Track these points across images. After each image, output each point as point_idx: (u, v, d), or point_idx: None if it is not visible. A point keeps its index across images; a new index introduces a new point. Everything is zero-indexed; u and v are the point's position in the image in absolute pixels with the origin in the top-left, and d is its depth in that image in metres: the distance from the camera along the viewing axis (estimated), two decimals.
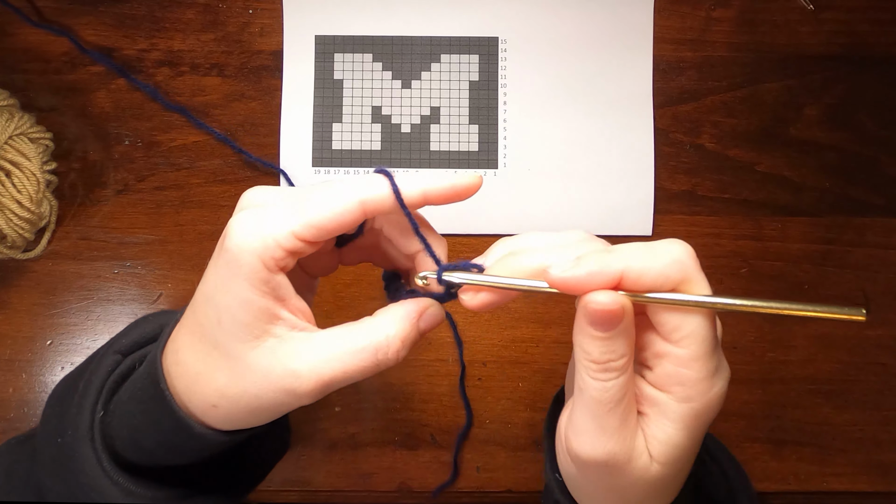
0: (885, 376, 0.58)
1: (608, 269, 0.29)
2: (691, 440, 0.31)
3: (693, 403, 0.31)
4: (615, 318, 0.29)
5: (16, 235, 0.53)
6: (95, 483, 0.35)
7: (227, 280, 0.31)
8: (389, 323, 0.33)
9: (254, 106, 0.60)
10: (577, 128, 0.60)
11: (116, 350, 0.39)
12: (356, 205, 0.32)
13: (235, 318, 0.31)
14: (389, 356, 0.33)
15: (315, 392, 0.32)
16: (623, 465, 0.31)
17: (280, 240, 0.31)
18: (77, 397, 0.37)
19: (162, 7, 0.60)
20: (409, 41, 0.60)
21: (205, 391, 0.33)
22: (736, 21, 0.61)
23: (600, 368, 0.30)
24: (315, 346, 0.32)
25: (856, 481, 0.58)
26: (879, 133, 0.60)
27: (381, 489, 0.57)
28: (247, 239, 0.31)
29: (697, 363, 0.30)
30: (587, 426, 0.31)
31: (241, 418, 0.33)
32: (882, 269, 0.59)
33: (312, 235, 0.31)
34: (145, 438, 0.35)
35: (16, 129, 0.53)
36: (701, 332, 0.30)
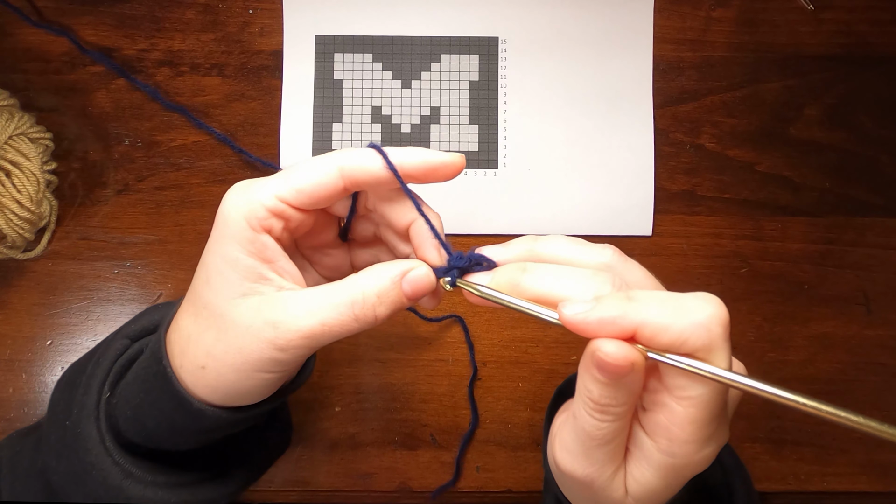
0: (885, 376, 0.58)
1: (623, 320, 0.28)
2: (668, 489, 0.31)
3: (675, 460, 0.30)
4: (621, 371, 0.28)
5: (16, 235, 0.53)
6: (97, 461, 0.36)
7: (217, 242, 0.33)
8: (369, 278, 0.33)
9: (254, 106, 0.60)
10: (577, 128, 0.60)
11: (125, 335, 0.39)
12: (335, 170, 0.32)
13: (222, 276, 0.33)
14: (367, 312, 0.32)
15: (295, 344, 0.32)
16: (598, 490, 0.31)
17: (264, 200, 0.32)
18: (85, 379, 0.38)
19: (162, 7, 0.60)
20: (409, 41, 0.60)
21: (195, 352, 0.34)
22: (736, 21, 0.61)
23: (598, 409, 0.29)
24: (296, 301, 0.32)
25: (856, 481, 0.58)
26: (879, 133, 0.60)
27: (381, 489, 0.57)
28: (235, 202, 0.33)
29: (691, 426, 0.29)
30: (574, 448, 0.31)
31: (230, 379, 0.33)
32: (882, 269, 0.59)
33: (293, 197, 0.32)
34: (147, 418, 0.35)
35: (16, 129, 0.53)
36: (705, 399, 0.28)
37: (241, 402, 0.35)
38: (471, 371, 0.58)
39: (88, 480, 0.36)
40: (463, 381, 0.58)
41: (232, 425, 0.36)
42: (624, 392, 0.29)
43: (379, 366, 0.58)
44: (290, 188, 0.32)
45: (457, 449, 0.57)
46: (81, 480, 0.36)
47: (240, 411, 0.35)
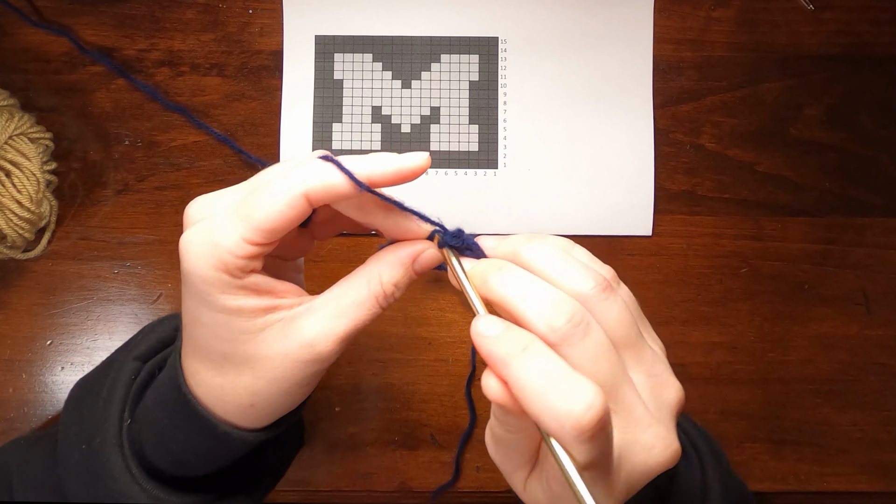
0: (885, 376, 0.58)
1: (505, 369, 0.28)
2: None
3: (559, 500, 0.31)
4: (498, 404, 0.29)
5: (16, 235, 0.53)
6: (125, 489, 0.36)
7: (204, 299, 0.31)
8: (384, 269, 0.34)
9: (254, 106, 0.60)
10: (577, 128, 0.60)
11: (135, 357, 0.39)
12: (300, 199, 0.30)
13: (231, 326, 0.32)
14: (389, 299, 0.34)
15: (337, 350, 0.33)
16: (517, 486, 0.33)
17: (234, 250, 0.30)
18: (101, 403, 0.38)
19: (162, 7, 0.60)
20: (409, 41, 0.60)
21: (236, 398, 0.33)
22: (736, 21, 0.61)
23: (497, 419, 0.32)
24: (319, 311, 0.33)
25: (856, 481, 0.58)
26: (879, 133, 0.60)
27: (381, 489, 0.57)
28: (200, 259, 0.31)
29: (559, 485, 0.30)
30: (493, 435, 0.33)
31: (281, 403, 0.34)
32: (882, 269, 0.59)
33: (263, 237, 0.31)
34: (173, 443, 0.35)
35: (16, 129, 0.53)
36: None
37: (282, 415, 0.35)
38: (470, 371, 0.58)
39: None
40: (463, 381, 0.58)
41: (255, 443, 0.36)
42: (512, 419, 0.30)
43: (379, 366, 0.58)
44: (256, 229, 0.30)
45: (457, 450, 0.57)
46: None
47: (265, 430, 0.36)
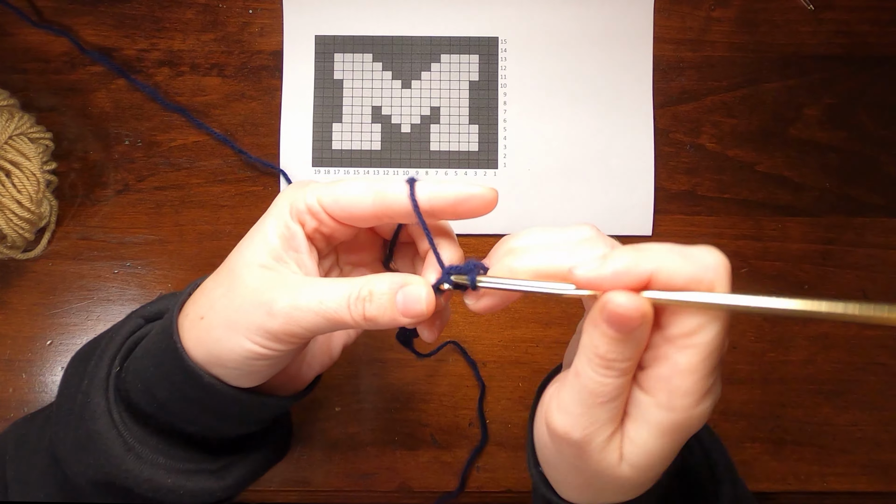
0: (885, 376, 0.58)
1: (638, 268, 0.28)
2: (666, 450, 0.31)
3: (675, 415, 0.30)
4: (633, 323, 0.28)
5: (16, 235, 0.53)
6: (103, 430, 0.37)
7: (262, 219, 0.36)
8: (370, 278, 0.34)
9: (254, 106, 0.60)
10: (577, 128, 0.60)
11: (140, 315, 0.41)
12: (370, 194, 0.34)
13: (252, 245, 0.35)
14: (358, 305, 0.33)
15: (287, 316, 0.33)
16: (593, 453, 0.31)
17: (307, 197, 0.35)
18: (98, 353, 0.39)
19: (162, 7, 0.60)
20: (409, 41, 0.60)
21: (201, 302, 0.36)
22: (736, 21, 0.61)
23: (604, 364, 0.29)
24: (302, 282, 0.34)
25: (856, 481, 0.58)
26: (879, 133, 0.60)
27: (381, 489, 0.57)
28: (289, 190, 0.36)
29: (693, 376, 0.29)
30: (573, 408, 0.31)
31: (216, 336, 0.35)
32: (882, 269, 0.59)
33: (329, 206, 0.34)
34: (159, 389, 0.37)
35: (16, 129, 0.53)
36: (710, 345, 0.29)
37: (221, 368, 0.35)
38: (471, 371, 0.58)
39: (92, 448, 0.37)
40: (463, 381, 0.58)
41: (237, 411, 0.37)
42: (631, 346, 0.29)
43: (379, 366, 0.58)
44: (330, 197, 0.35)
45: (457, 449, 0.57)
46: (85, 448, 0.37)
47: (245, 394, 0.36)
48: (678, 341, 0.29)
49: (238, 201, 0.59)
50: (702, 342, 0.29)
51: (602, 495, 0.34)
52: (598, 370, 0.30)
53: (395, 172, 0.60)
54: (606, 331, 0.29)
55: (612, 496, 0.33)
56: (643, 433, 0.30)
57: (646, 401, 0.30)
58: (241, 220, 0.59)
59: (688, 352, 0.29)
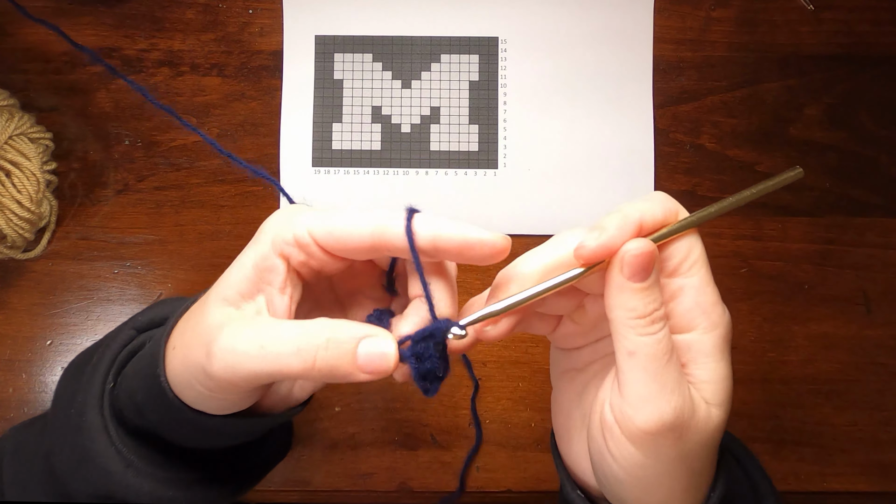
0: (885, 376, 0.58)
1: (630, 219, 0.32)
2: (730, 369, 0.33)
3: (719, 329, 0.32)
4: (652, 261, 0.31)
5: (16, 235, 0.53)
6: (100, 448, 0.36)
7: (247, 246, 0.33)
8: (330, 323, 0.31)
9: (254, 106, 0.60)
10: (577, 128, 0.60)
11: (132, 325, 0.40)
12: (368, 228, 0.31)
13: (229, 276, 0.33)
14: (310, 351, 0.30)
15: (221, 372, 0.30)
16: (689, 422, 0.31)
17: (295, 228, 0.32)
18: (90, 368, 0.39)
19: (162, 7, 0.60)
20: (409, 41, 0.60)
21: (179, 327, 0.35)
22: (736, 21, 0.61)
23: (648, 321, 0.31)
24: (243, 328, 0.31)
25: (856, 481, 0.58)
26: (879, 133, 0.60)
27: (381, 489, 0.57)
28: (274, 218, 0.33)
29: (709, 287, 0.32)
30: (647, 391, 0.31)
31: (179, 369, 0.33)
32: (882, 269, 0.59)
33: (322, 238, 0.32)
34: (149, 412, 0.36)
35: (16, 129, 0.53)
36: (704, 257, 0.33)
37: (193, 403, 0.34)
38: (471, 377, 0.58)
39: (90, 466, 0.36)
40: (462, 381, 0.58)
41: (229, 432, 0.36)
42: (656, 290, 0.31)
43: None
44: (323, 229, 0.32)
45: (457, 449, 0.57)
46: (83, 465, 0.37)
47: (234, 419, 0.35)
48: (682, 267, 0.32)
49: (238, 201, 0.59)
50: (698, 256, 0.33)
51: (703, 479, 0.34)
52: (648, 330, 0.31)
53: (395, 172, 0.60)
54: (633, 286, 0.31)
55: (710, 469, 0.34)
56: (710, 364, 0.32)
57: (692, 337, 0.32)
58: (241, 220, 0.59)
59: (694, 269, 0.32)
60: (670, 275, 0.33)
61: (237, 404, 0.34)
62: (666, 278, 0.33)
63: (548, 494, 0.57)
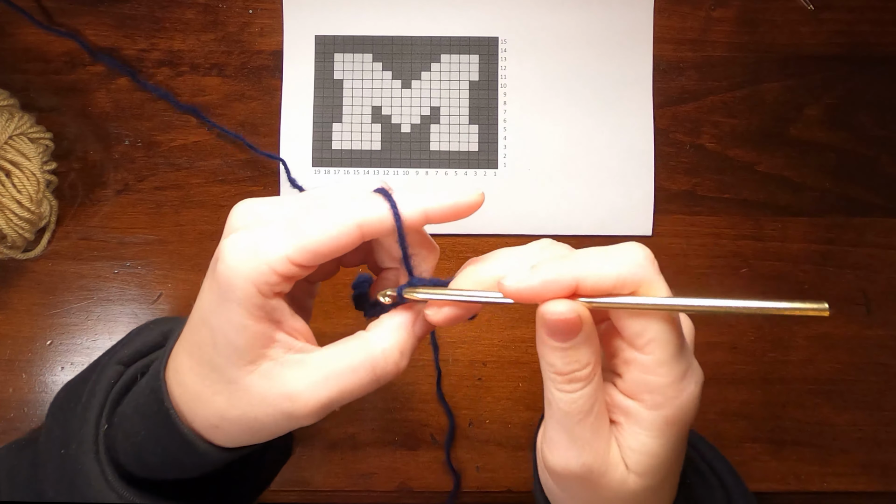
0: (885, 376, 0.58)
1: (563, 276, 0.29)
2: (667, 448, 0.31)
3: (664, 410, 0.30)
4: (573, 327, 0.29)
5: (16, 236, 0.53)
6: (101, 496, 0.35)
7: (222, 304, 0.30)
8: (385, 336, 0.32)
9: (254, 106, 0.60)
10: (577, 128, 0.60)
11: (118, 361, 0.38)
12: (354, 228, 0.30)
13: (230, 343, 0.31)
14: (389, 370, 0.33)
15: (313, 414, 0.32)
16: (599, 478, 0.31)
17: (274, 265, 0.30)
18: (80, 409, 0.37)
19: (162, 7, 0.60)
20: (409, 41, 0.60)
21: (206, 412, 0.33)
22: (736, 21, 0.61)
23: (565, 380, 0.30)
24: (311, 368, 0.31)
25: (856, 481, 0.58)
26: (879, 133, 0.60)
27: (381, 489, 0.57)
28: (240, 264, 0.30)
29: (663, 368, 0.30)
30: (559, 439, 0.31)
31: (244, 438, 0.33)
32: (882, 269, 0.59)
33: (307, 260, 0.30)
34: (149, 455, 0.35)
35: (16, 129, 0.53)
36: (664, 337, 0.29)
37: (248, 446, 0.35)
38: (471, 372, 0.58)
39: None
40: (464, 382, 0.58)
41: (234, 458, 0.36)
42: (583, 351, 0.30)
43: None
44: (304, 250, 0.30)
45: (457, 449, 0.57)
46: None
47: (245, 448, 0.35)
48: (635, 342, 0.30)
49: (238, 201, 0.59)
50: (655, 335, 0.29)
51: None
52: (563, 387, 0.30)
53: (395, 172, 0.60)
54: (553, 344, 0.30)
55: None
56: (641, 437, 0.30)
57: (632, 406, 0.31)
58: None
59: (648, 348, 0.30)
60: (625, 341, 0.30)
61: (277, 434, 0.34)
62: (621, 342, 0.31)
63: None
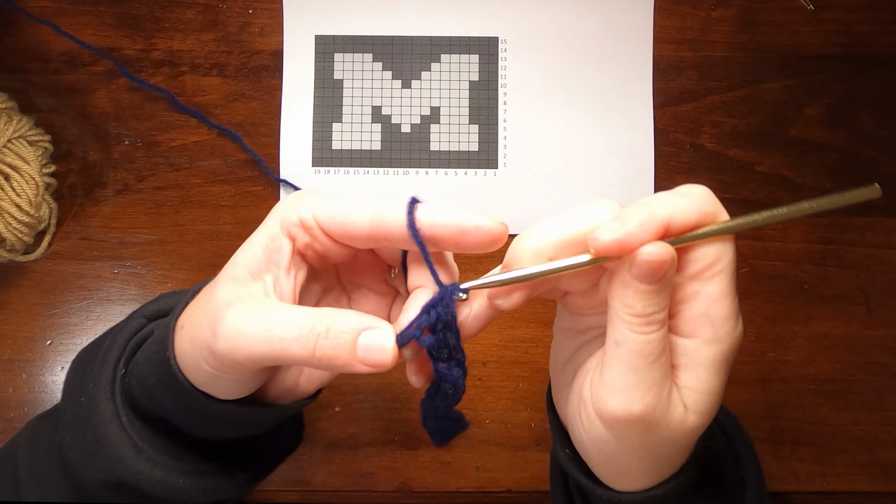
0: (885, 376, 0.59)
1: (656, 217, 0.29)
2: (722, 383, 0.32)
3: (722, 345, 0.31)
4: (665, 268, 0.29)
5: (15, 239, 0.53)
6: (112, 434, 0.36)
7: (259, 228, 0.34)
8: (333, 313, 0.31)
9: (254, 106, 0.60)
10: (577, 128, 0.60)
11: (142, 314, 0.40)
12: (368, 214, 0.32)
13: (236, 257, 0.34)
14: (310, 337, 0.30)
15: (226, 351, 0.31)
16: (660, 420, 0.31)
17: (301, 211, 0.33)
18: (101, 355, 0.39)
19: (162, 7, 0.60)
20: (409, 41, 0.60)
21: (191, 310, 0.35)
22: (736, 21, 0.61)
23: (643, 322, 0.30)
24: (252, 310, 0.31)
25: (856, 481, 0.58)
26: (879, 133, 0.60)
27: (381, 489, 0.57)
28: (284, 202, 0.34)
29: (726, 301, 0.31)
30: (625, 382, 0.30)
31: (186, 348, 0.33)
32: (882, 269, 0.59)
33: (324, 221, 0.32)
34: (161, 398, 0.36)
35: (14, 132, 0.53)
36: (731, 267, 0.31)
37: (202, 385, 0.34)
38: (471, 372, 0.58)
39: (101, 452, 0.36)
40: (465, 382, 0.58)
41: (238, 421, 0.36)
42: (664, 294, 0.30)
43: None
44: (326, 211, 0.32)
45: (457, 449, 0.57)
46: (94, 453, 0.37)
47: (241, 408, 0.36)
48: (704, 273, 0.31)
49: (238, 201, 0.59)
50: (725, 266, 0.31)
51: (668, 465, 0.34)
52: (641, 329, 0.30)
53: (395, 172, 0.60)
54: (640, 287, 0.29)
55: (678, 460, 0.34)
56: (701, 375, 0.31)
57: (691, 344, 0.31)
58: (241, 220, 0.59)
59: (716, 279, 0.30)
60: (690, 277, 0.31)
61: (243, 386, 0.34)
62: (683, 279, 0.31)
63: (548, 494, 0.57)
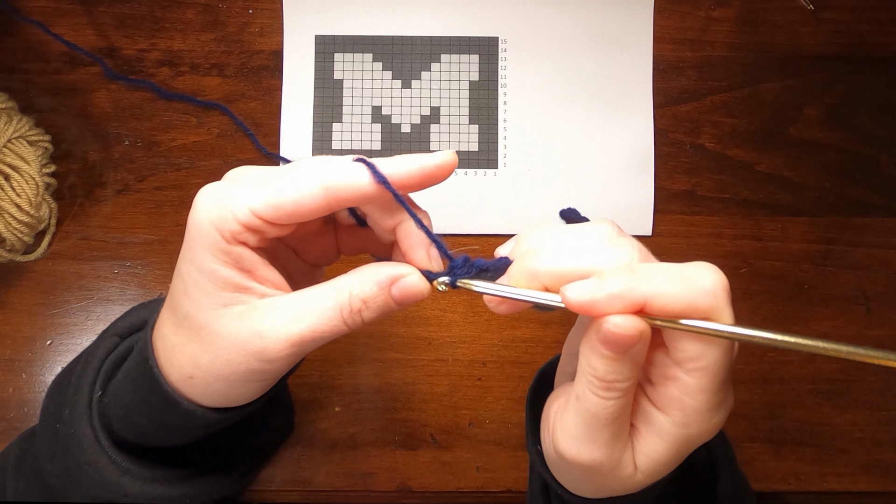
0: (885, 376, 0.58)
1: (632, 293, 0.27)
2: (678, 458, 0.31)
3: (690, 430, 0.30)
4: (631, 342, 0.28)
5: (14, 239, 0.53)
6: (93, 460, 0.35)
7: (191, 250, 0.31)
8: (356, 282, 0.31)
9: (254, 106, 0.60)
10: (577, 128, 0.60)
11: (114, 332, 0.39)
12: (318, 189, 0.30)
13: (200, 287, 0.31)
14: (355, 316, 0.31)
15: (285, 353, 0.31)
16: (606, 472, 0.31)
17: (237, 213, 0.30)
18: (75, 379, 0.38)
19: (162, 7, 0.60)
20: (409, 41, 0.60)
21: (181, 362, 0.33)
22: (736, 21, 0.61)
23: (604, 386, 0.29)
24: (281, 308, 0.31)
25: (856, 481, 0.58)
26: (879, 133, 0.60)
27: (381, 489, 0.57)
28: (206, 210, 0.30)
29: (704, 395, 0.29)
30: (577, 432, 0.30)
31: (219, 388, 0.33)
32: (882, 269, 0.59)
33: (271, 215, 0.30)
34: (138, 416, 0.35)
35: (14, 132, 0.53)
36: (716, 366, 0.29)
37: (231, 405, 0.34)
38: (471, 372, 0.58)
39: (84, 479, 0.36)
40: (463, 381, 0.58)
41: (222, 423, 0.36)
42: (629, 366, 0.29)
43: (379, 366, 0.58)
44: (266, 204, 0.30)
45: (457, 449, 0.57)
46: (76, 479, 0.36)
47: (230, 411, 0.35)
48: (685, 364, 0.29)
49: None
50: (707, 365, 0.28)
51: (612, 494, 0.34)
52: (599, 392, 0.29)
53: None
54: (604, 352, 0.28)
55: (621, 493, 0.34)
56: (658, 447, 0.30)
57: (659, 418, 0.30)
58: None
59: (696, 374, 0.29)
60: (673, 359, 0.29)
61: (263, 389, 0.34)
62: (667, 358, 0.30)
63: None
